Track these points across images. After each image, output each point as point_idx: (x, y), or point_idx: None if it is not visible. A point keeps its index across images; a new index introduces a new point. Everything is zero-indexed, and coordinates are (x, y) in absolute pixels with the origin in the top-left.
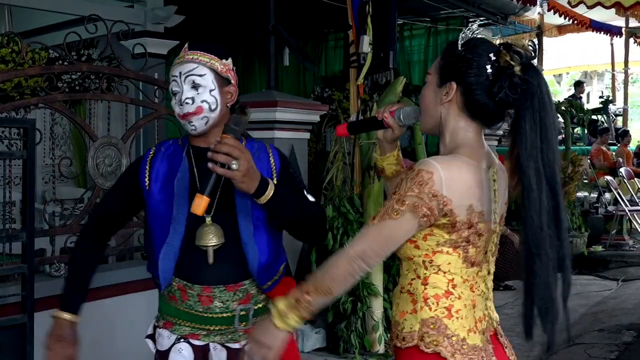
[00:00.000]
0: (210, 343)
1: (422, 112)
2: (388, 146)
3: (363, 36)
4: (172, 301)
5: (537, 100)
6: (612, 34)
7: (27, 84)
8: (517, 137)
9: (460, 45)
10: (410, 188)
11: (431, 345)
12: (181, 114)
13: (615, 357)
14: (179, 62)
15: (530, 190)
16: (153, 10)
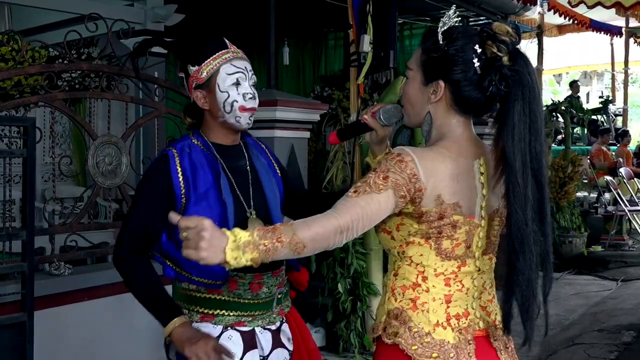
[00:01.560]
0: (255, 327)
1: (407, 110)
2: (376, 148)
3: (363, 35)
4: (214, 294)
5: (528, 90)
6: (612, 34)
7: (27, 83)
8: (505, 128)
9: (441, 38)
10: (393, 166)
11: (391, 336)
12: (247, 106)
13: (615, 357)
14: (237, 56)
15: (516, 184)
16: (153, 9)
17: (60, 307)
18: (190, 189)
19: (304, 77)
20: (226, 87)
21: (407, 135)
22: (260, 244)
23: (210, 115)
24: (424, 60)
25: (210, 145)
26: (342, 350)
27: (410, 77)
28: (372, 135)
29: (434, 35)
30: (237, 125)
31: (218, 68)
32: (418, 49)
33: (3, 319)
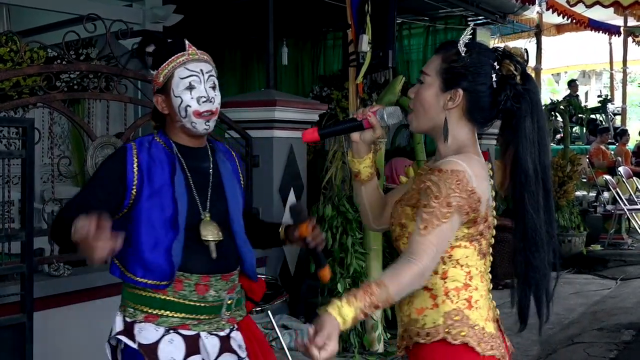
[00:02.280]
0: (200, 332)
1: (419, 114)
2: (365, 148)
3: (362, 35)
4: (159, 294)
5: (537, 108)
6: (610, 33)
7: (25, 83)
8: (518, 139)
9: (463, 51)
10: (451, 189)
11: (458, 336)
12: (200, 111)
13: (615, 356)
14: (193, 58)
15: (531, 190)
16: (152, 10)
17: (60, 308)
18: (144, 183)
19: (302, 77)
20: (179, 91)
21: (406, 136)
22: (361, 314)
23: (170, 119)
24: (444, 68)
25: (171, 143)
26: (342, 350)
27: (426, 83)
28: (365, 135)
29: (454, 46)
30: (193, 130)
31: (172, 72)
32: (436, 56)
33: (3, 320)
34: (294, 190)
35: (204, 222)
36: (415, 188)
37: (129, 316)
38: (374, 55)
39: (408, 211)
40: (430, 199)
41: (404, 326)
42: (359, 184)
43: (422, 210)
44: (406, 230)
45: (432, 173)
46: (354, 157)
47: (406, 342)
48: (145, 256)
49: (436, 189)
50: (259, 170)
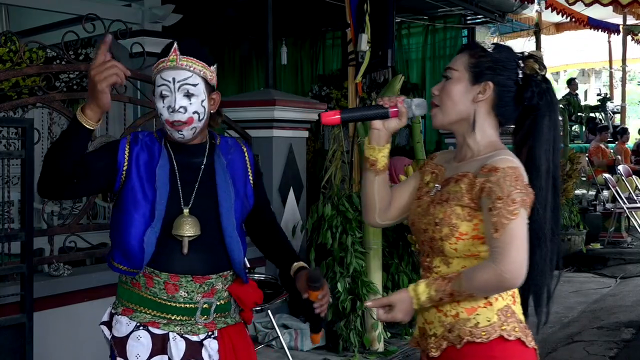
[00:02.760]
0: (169, 332)
1: (446, 107)
2: (386, 136)
3: (361, 34)
4: (135, 288)
5: (554, 108)
6: (609, 32)
7: (25, 84)
8: (535, 138)
9: (491, 47)
10: (513, 186)
11: (512, 332)
12: (170, 120)
13: (614, 354)
14: (170, 65)
15: (540, 186)
16: (151, 10)
17: (60, 308)
18: (132, 169)
19: (302, 76)
20: (155, 99)
21: (406, 134)
22: (436, 299)
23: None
24: (473, 62)
25: (163, 137)
26: (342, 349)
27: (454, 77)
28: (389, 123)
29: (478, 45)
30: (177, 139)
31: (154, 79)
32: (462, 54)
33: (3, 320)
34: (293, 190)
35: (180, 216)
36: (464, 188)
37: (113, 308)
38: (373, 55)
39: (459, 211)
40: (494, 200)
41: (448, 326)
42: (373, 174)
43: (489, 215)
44: (456, 231)
45: (486, 173)
46: (374, 145)
47: (447, 342)
48: (122, 240)
49: (497, 189)
50: None
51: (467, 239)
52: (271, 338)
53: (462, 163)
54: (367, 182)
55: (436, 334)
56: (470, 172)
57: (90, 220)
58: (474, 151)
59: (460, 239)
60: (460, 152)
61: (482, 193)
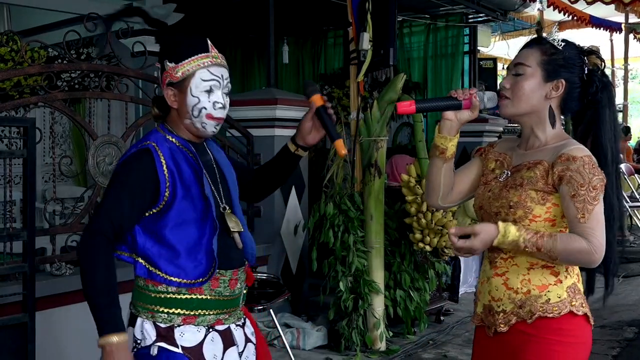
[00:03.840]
0: (230, 325)
1: (519, 101)
2: (457, 128)
3: (363, 33)
4: (195, 294)
5: (613, 99)
6: (611, 30)
7: (26, 83)
8: (599, 127)
9: (561, 45)
10: (592, 173)
11: (580, 308)
12: (214, 115)
13: (617, 353)
14: (216, 62)
15: (608, 172)
16: (152, 9)
17: (62, 308)
18: (177, 184)
19: (303, 75)
20: (198, 92)
21: (408, 133)
22: (522, 245)
23: (177, 114)
24: (545, 60)
25: (184, 141)
26: (344, 348)
27: (527, 74)
28: (461, 115)
29: (546, 40)
30: (201, 130)
31: (194, 71)
32: (531, 50)
33: (4, 319)
34: (295, 189)
35: (227, 214)
36: (539, 174)
37: (162, 321)
38: (375, 53)
39: (533, 195)
40: (577, 188)
41: (518, 303)
42: (442, 161)
43: (573, 200)
44: (530, 213)
45: (565, 162)
46: (445, 134)
47: (517, 317)
48: (181, 258)
49: (579, 177)
50: None
51: (540, 221)
52: (273, 337)
53: (530, 151)
54: (435, 168)
55: (505, 310)
56: (545, 159)
57: None
58: (542, 141)
59: (533, 221)
60: (527, 142)
61: (562, 181)
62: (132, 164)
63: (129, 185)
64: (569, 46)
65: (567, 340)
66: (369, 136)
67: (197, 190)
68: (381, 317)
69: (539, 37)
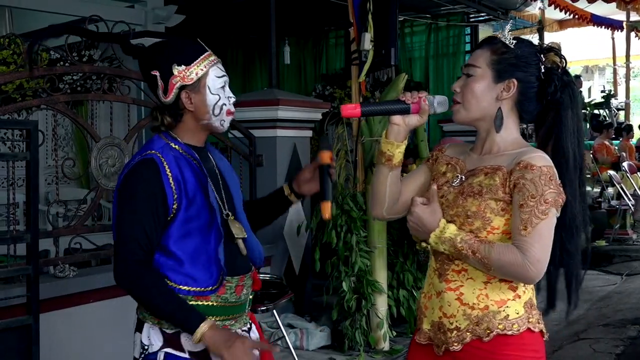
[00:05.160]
0: (237, 330)
1: (470, 105)
2: (405, 133)
3: (364, 33)
4: (201, 300)
5: (576, 99)
6: (613, 28)
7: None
8: (560, 130)
9: (512, 43)
10: (547, 185)
11: (537, 325)
12: (231, 110)
13: (621, 351)
14: (219, 60)
15: (570, 179)
16: (153, 10)
17: (66, 310)
18: (183, 194)
19: (305, 76)
20: (217, 89)
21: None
22: (458, 245)
23: (193, 117)
24: (495, 59)
25: (188, 148)
26: (348, 348)
27: (477, 75)
28: (410, 119)
29: (498, 40)
30: (219, 128)
31: (207, 70)
32: (482, 50)
33: (9, 321)
34: None
35: (230, 221)
36: (499, 182)
37: (168, 327)
38: (377, 53)
39: (493, 205)
40: (527, 198)
41: (475, 319)
42: (388, 169)
43: (519, 211)
44: (489, 225)
45: (522, 169)
46: (392, 140)
47: (472, 335)
48: (186, 268)
49: (532, 187)
50: (262, 170)
51: (497, 233)
52: (277, 338)
53: (487, 156)
54: (381, 177)
55: (459, 327)
56: (504, 165)
57: (96, 222)
58: (501, 146)
59: (491, 233)
60: (482, 146)
61: (515, 188)
62: (138, 176)
63: (141, 198)
64: (523, 44)
65: (526, 355)
66: (371, 136)
67: (202, 199)
68: (384, 317)
69: (491, 36)
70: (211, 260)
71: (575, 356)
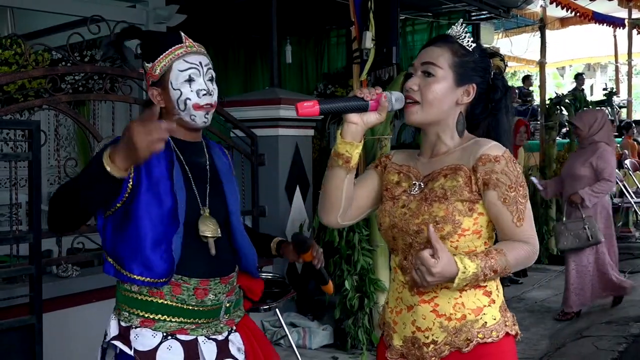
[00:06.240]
0: (198, 337)
1: (429, 106)
2: (362, 132)
3: (365, 32)
4: (155, 297)
5: (509, 101)
6: (615, 26)
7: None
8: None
9: (471, 46)
10: (515, 170)
11: (513, 327)
12: (200, 104)
13: (624, 349)
14: (192, 50)
15: None
16: (155, 10)
17: (69, 309)
18: (142, 174)
19: (307, 75)
20: (179, 84)
21: (412, 132)
22: (481, 275)
23: (167, 112)
24: (457, 62)
25: (171, 138)
26: (350, 347)
27: (438, 76)
28: (368, 117)
29: (453, 40)
30: (192, 123)
31: (171, 64)
32: (441, 49)
33: (12, 321)
34: (299, 188)
35: (202, 217)
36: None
37: (124, 320)
38: (378, 52)
39: (460, 207)
40: (506, 191)
41: (452, 331)
42: (345, 172)
43: (504, 205)
44: (459, 227)
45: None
46: (349, 140)
47: (451, 347)
48: (143, 252)
49: (505, 178)
50: (264, 169)
51: (468, 234)
52: (279, 336)
53: (437, 158)
54: (336, 180)
55: (436, 340)
56: (462, 164)
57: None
58: (450, 147)
59: (462, 236)
60: (431, 149)
61: (489, 186)
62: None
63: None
64: (479, 48)
65: None
66: (373, 135)
67: (167, 186)
68: None
69: (446, 34)
70: (167, 252)
71: (578, 354)
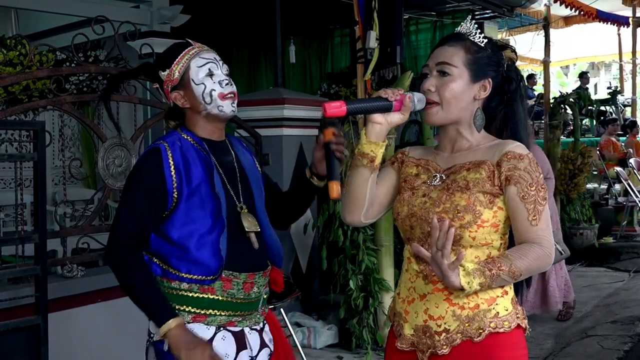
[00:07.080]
0: (244, 328)
1: (450, 106)
2: (386, 132)
3: (369, 31)
4: (206, 293)
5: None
6: (619, 24)
7: (35, 87)
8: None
9: (483, 42)
10: (537, 171)
11: (524, 320)
12: (225, 92)
13: (629, 348)
14: (204, 49)
15: None
16: (159, 11)
17: (74, 309)
18: (183, 183)
19: (310, 74)
20: (200, 79)
21: (416, 131)
22: (485, 270)
23: (193, 112)
24: (471, 59)
25: (200, 139)
26: (355, 346)
27: (454, 75)
28: (392, 117)
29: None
30: (221, 114)
31: (188, 63)
32: (454, 48)
33: (18, 322)
34: None
35: (243, 214)
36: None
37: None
38: (382, 51)
39: (481, 198)
40: (527, 188)
41: (465, 319)
42: (370, 171)
43: (522, 202)
44: (479, 218)
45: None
46: (374, 140)
47: (463, 336)
48: (192, 254)
49: (527, 176)
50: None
51: (487, 226)
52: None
53: (460, 153)
54: (361, 180)
55: (448, 329)
56: (486, 159)
57: (103, 222)
58: (473, 143)
59: (481, 227)
60: (452, 144)
61: (510, 181)
62: (141, 168)
63: (142, 186)
64: (490, 43)
65: (518, 354)
66: None
67: (208, 189)
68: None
69: (457, 33)
70: (215, 250)
71: (583, 353)
